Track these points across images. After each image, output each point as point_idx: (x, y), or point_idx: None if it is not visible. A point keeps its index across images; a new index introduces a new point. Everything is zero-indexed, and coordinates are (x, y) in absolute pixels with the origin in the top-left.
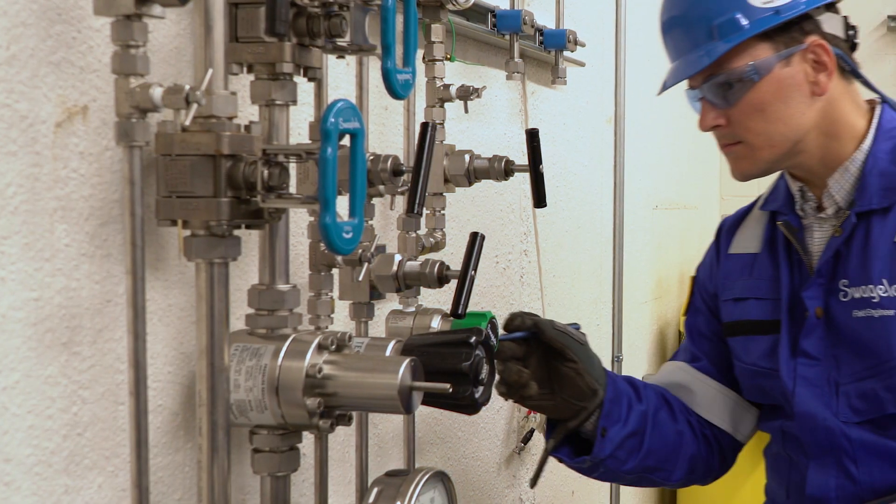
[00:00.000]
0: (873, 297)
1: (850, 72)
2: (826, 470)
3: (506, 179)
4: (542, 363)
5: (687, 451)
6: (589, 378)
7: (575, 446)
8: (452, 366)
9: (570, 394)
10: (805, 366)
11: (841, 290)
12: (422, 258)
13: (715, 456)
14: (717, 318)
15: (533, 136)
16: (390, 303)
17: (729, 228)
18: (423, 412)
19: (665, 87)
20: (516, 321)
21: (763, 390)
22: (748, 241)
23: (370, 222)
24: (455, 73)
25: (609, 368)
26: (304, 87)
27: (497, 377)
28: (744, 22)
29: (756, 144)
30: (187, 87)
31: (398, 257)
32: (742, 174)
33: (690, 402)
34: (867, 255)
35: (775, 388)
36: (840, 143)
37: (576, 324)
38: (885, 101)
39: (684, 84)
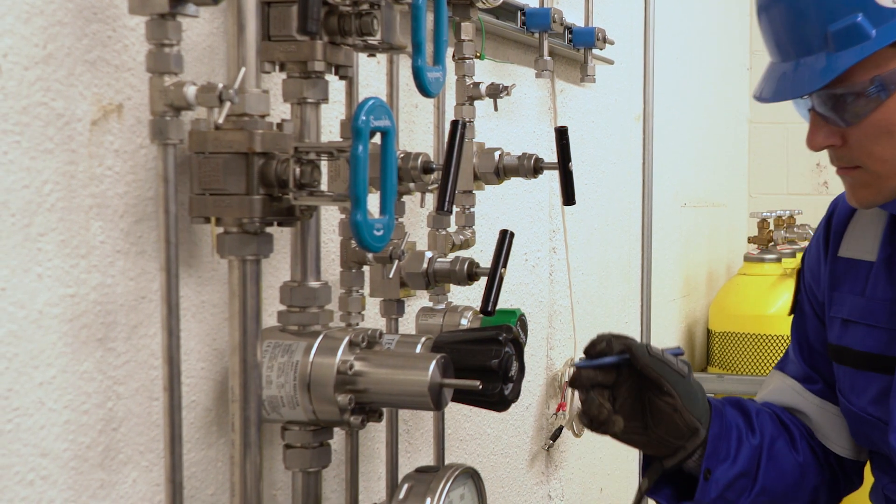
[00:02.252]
0: None
1: None
2: None
3: (535, 177)
4: (634, 394)
5: (810, 483)
6: (688, 415)
7: (677, 485)
8: (482, 363)
9: (665, 431)
10: None
11: None
12: (451, 255)
13: (840, 481)
14: (825, 330)
15: (562, 134)
16: (420, 300)
17: (842, 221)
18: (452, 409)
19: (762, 99)
20: (602, 345)
21: (871, 440)
22: (861, 243)
23: (400, 220)
24: (485, 71)
25: None
26: (336, 86)
27: (579, 408)
28: (870, 29)
29: (882, 172)
30: (220, 85)
31: (428, 255)
32: (861, 203)
33: (810, 427)
34: None
35: (884, 444)
36: None
37: (677, 348)
38: None
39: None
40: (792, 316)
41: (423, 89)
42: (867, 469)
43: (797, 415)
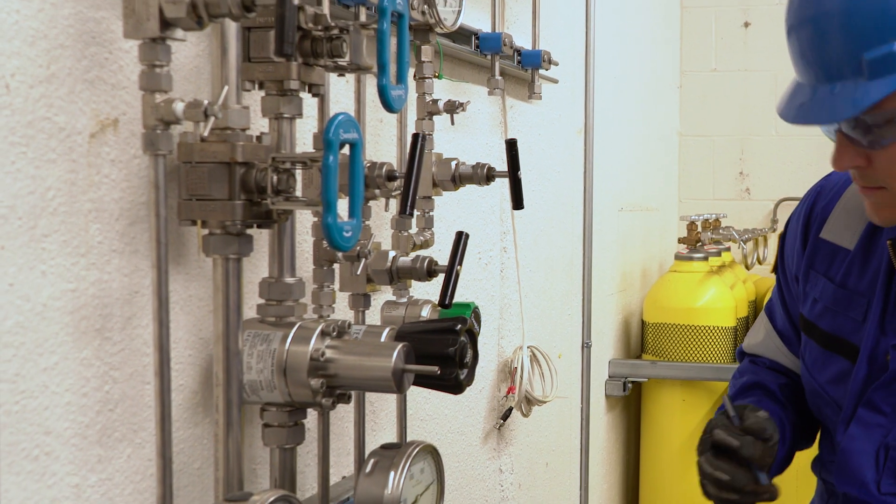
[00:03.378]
0: None
1: None
2: None
3: (487, 184)
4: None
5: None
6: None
7: None
8: (440, 350)
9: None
10: (865, 416)
11: None
12: (413, 254)
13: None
14: (795, 300)
15: (512, 146)
16: (385, 294)
17: (827, 204)
18: (414, 392)
19: (792, 120)
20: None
21: (822, 414)
22: (844, 231)
23: (367, 222)
24: (442, 90)
25: (579, 357)
26: (309, 102)
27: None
28: None
29: None
30: (206, 102)
31: (392, 254)
32: (884, 221)
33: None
34: None
35: (831, 423)
36: None
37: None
38: None
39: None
40: (774, 273)
41: (388, 105)
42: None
43: (781, 370)
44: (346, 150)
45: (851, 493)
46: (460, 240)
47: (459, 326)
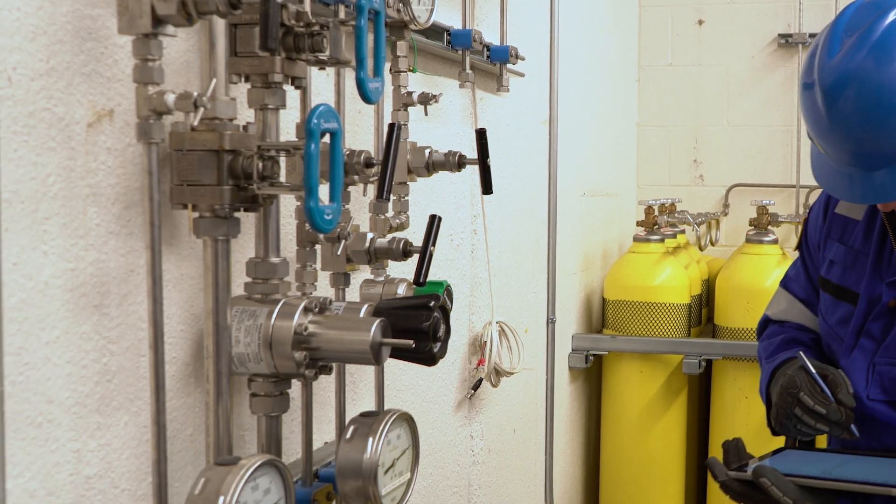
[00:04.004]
0: None
1: None
2: (859, 432)
3: (459, 171)
4: None
5: None
6: None
7: None
8: (415, 325)
9: None
10: (864, 343)
11: None
12: (389, 236)
13: None
14: (816, 267)
15: (481, 135)
16: (363, 273)
17: None
18: (390, 363)
19: (843, 198)
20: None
21: (831, 351)
22: (852, 206)
23: (346, 206)
24: (417, 82)
25: (544, 332)
26: (292, 94)
27: None
28: None
29: None
30: (195, 93)
31: (370, 235)
32: None
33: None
34: None
35: (838, 354)
36: None
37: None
38: None
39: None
40: (798, 251)
41: (365, 97)
42: None
43: (811, 332)
44: (326, 138)
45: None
46: (433, 222)
47: (433, 303)
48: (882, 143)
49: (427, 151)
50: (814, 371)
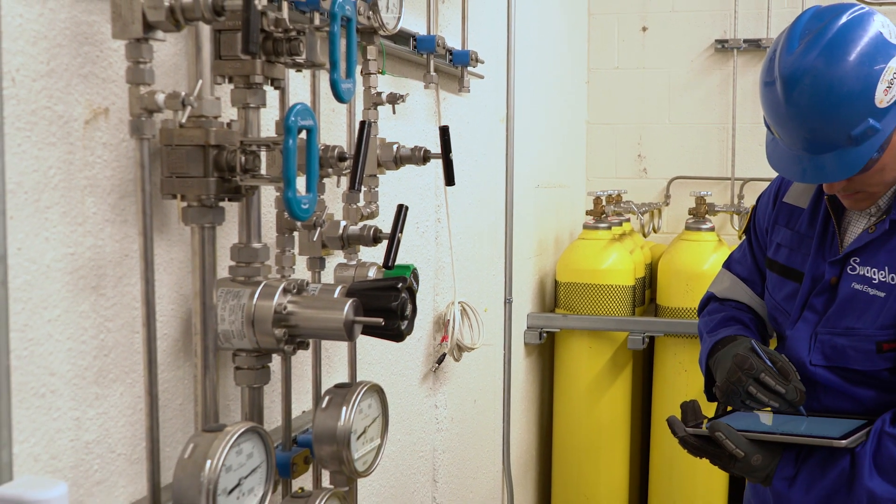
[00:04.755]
0: (873, 279)
1: None
2: None
3: (424, 164)
4: None
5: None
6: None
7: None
8: (384, 305)
9: None
10: (807, 315)
11: (850, 264)
12: (361, 224)
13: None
14: (763, 250)
15: (444, 132)
16: (337, 257)
17: (788, 181)
18: (362, 339)
19: (797, 180)
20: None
21: (778, 325)
22: (800, 195)
23: (322, 196)
24: (385, 84)
25: (502, 311)
26: (272, 94)
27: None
28: (878, 126)
29: (876, 193)
30: (183, 93)
31: (343, 223)
32: (859, 209)
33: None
34: (881, 248)
35: (783, 326)
36: None
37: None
38: None
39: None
40: (745, 234)
41: (338, 97)
42: None
43: (750, 310)
44: (303, 134)
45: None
46: (401, 211)
47: (401, 284)
48: (830, 130)
49: (395, 147)
50: (764, 355)
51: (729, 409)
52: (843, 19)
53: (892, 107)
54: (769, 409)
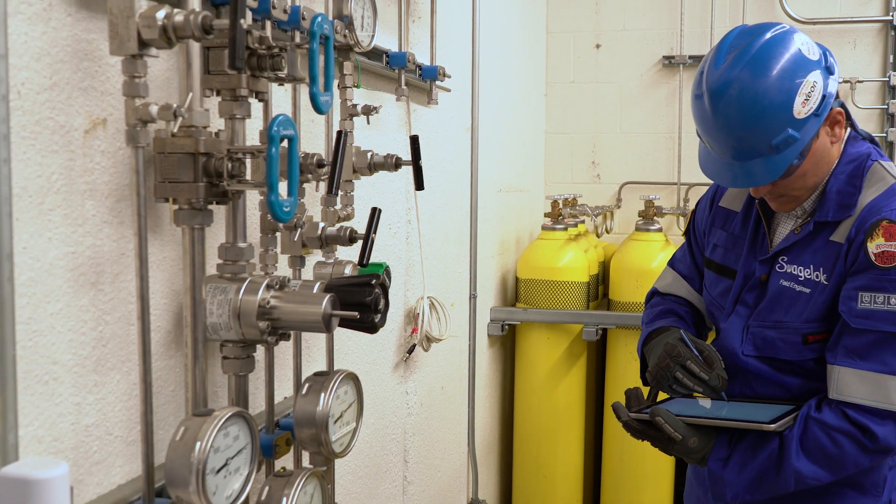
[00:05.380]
0: (799, 276)
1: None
2: (734, 382)
3: (396, 171)
4: None
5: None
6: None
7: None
8: (359, 300)
9: None
10: (740, 310)
11: (779, 263)
12: (338, 225)
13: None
14: (701, 250)
15: (414, 141)
16: (316, 256)
17: (724, 186)
18: (339, 332)
19: (724, 183)
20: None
21: (714, 319)
22: (734, 200)
23: (302, 200)
24: (360, 96)
25: (467, 305)
26: (256, 106)
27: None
28: (796, 135)
29: (799, 196)
30: (175, 105)
31: (321, 224)
32: (784, 211)
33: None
34: (807, 247)
35: (719, 319)
36: (826, 168)
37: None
38: (856, 130)
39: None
40: (685, 235)
41: (317, 109)
42: None
43: (688, 303)
44: (285, 143)
45: (728, 361)
46: (374, 214)
47: (374, 281)
48: (754, 139)
49: (369, 154)
50: (691, 344)
51: (665, 396)
52: (767, 36)
53: (809, 117)
54: (698, 394)
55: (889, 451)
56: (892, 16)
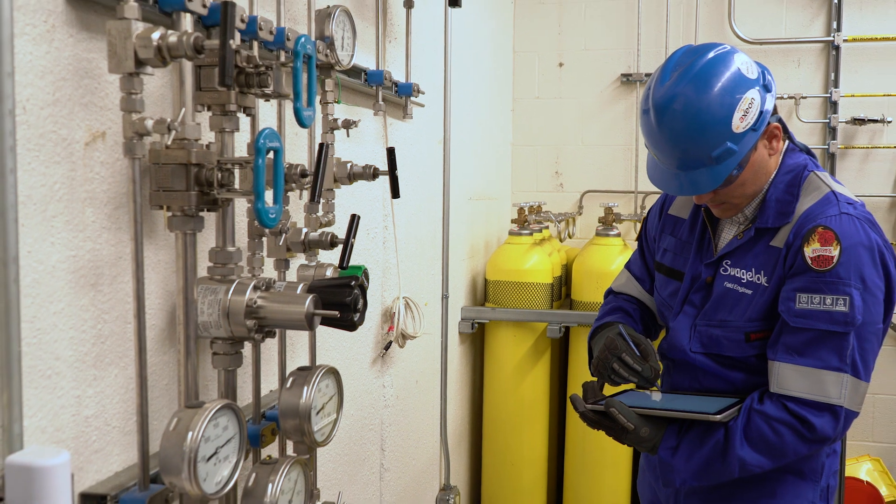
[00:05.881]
0: (742, 279)
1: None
2: (683, 376)
3: (374, 180)
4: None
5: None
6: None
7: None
8: (339, 300)
9: None
10: (687, 309)
11: (723, 266)
12: (320, 231)
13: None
14: (652, 255)
15: (391, 152)
16: (299, 259)
17: (672, 195)
18: (321, 329)
19: (673, 192)
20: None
21: (664, 318)
22: (681, 208)
23: (286, 207)
24: (340, 111)
25: (440, 305)
26: (244, 120)
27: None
28: (735, 148)
29: (739, 204)
30: (169, 119)
31: (304, 230)
32: (725, 217)
33: (648, 309)
34: (748, 251)
35: (668, 318)
36: (764, 178)
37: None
38: (793, 143)
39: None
40: (637, 241)
41: (301, 123)
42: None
43: (637, 301)
44: (271, 155)
45: (678, 357)
46: (354, 220)
47: (354, 282)
48: (696, 150)
49: (349, 165)
50: (629, 338)
51: (618, 389)
52: (709, 56)
53: (747, 132)
54: (632, 384)
55: (826, 440)
56: (833, 37)
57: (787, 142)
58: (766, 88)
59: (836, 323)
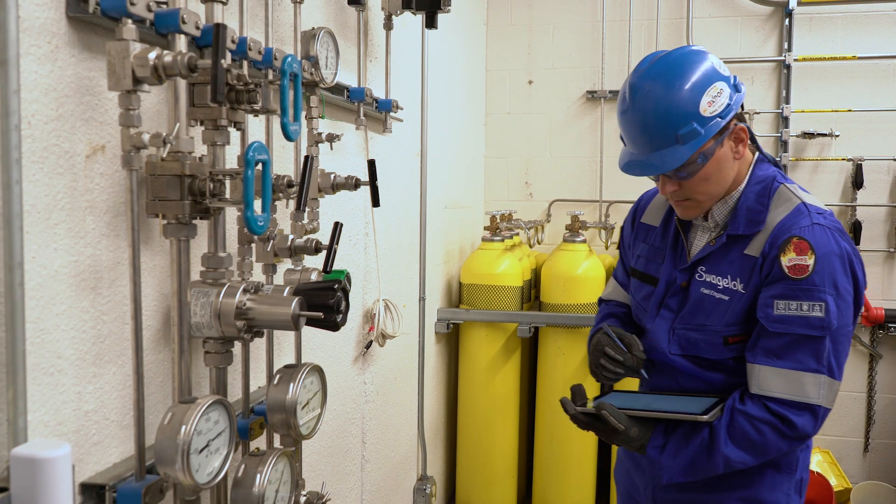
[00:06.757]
0: (718, 285)
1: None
2: (662, 377)
3: (355, 190)
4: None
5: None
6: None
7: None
8: (323, 302)
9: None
10: (664, 313)
11: (698, 272)
12: (305, 237)
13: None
14: (627, 261)
15: (371, 164)
16: (286, 264)
17: (645, 203)
18: (306, 330)
19: (635, 174)
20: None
21: (639, 319)
22: (653, 216)
23: (274, 216)
24: (324, 126)
25: (417, 307)
26: (234, 134)
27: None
28: (700, 130)
29: (702, 201)
30: (164, 133)
31: (291, 236)
32: (690, 217)
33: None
34: (723, 258)
35: (644, 321)
36: (732, 184)
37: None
38: (762, 155)
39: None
40: (619, 249)
41: (287, 137)
42: None
43: (626, 305)
44: (259, 166)
45: (657, 359)
46: (337, 228)
47: (337, 286)
48: (664, 129)
49: (332, 176)
50: (612, 334)
51: (609, 388)
52: (686, 50)
53: (714, 118)
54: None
55: (806, 437)
56: (785, 56)
57: (756, 153)
58: (737, 89)
59: (812, 327)
